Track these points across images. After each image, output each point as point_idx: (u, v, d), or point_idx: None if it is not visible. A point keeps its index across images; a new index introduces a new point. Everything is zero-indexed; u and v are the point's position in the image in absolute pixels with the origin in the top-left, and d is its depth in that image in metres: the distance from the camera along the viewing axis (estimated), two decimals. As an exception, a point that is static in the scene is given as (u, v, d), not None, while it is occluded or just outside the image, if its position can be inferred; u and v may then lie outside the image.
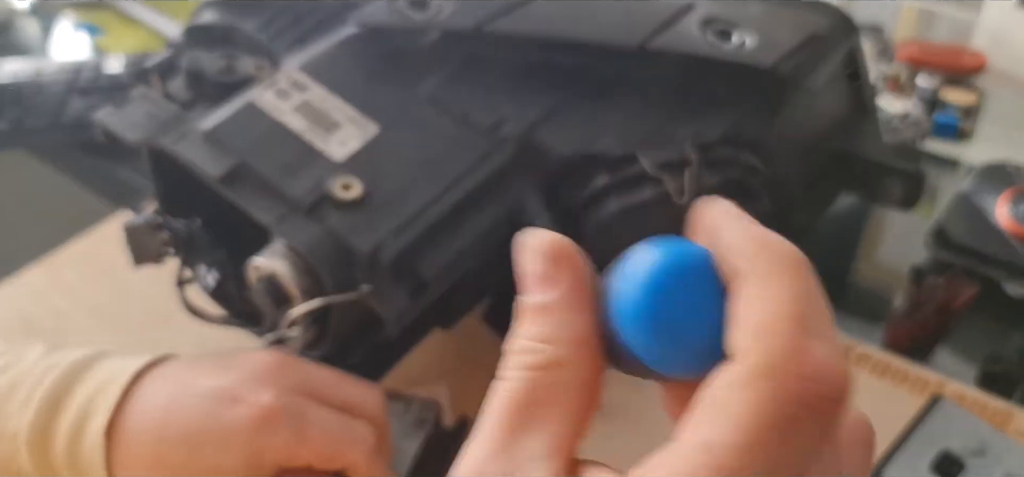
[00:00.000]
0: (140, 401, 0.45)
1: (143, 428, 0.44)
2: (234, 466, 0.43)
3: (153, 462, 0.44)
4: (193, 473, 0.44)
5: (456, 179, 0.51)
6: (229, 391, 0.44)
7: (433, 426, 0.53)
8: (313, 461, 0.45)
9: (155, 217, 0.52)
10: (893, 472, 0.52)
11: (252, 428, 0.43)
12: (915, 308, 0.64)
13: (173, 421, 0.44)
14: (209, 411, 0.44)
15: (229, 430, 0.43)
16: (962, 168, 0.84)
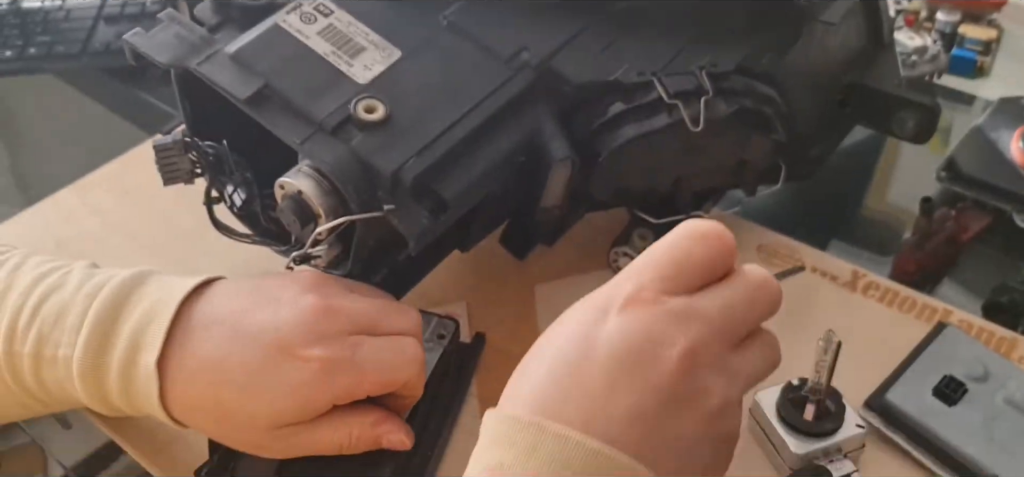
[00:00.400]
0: (192, 337, 0.45)
1: (198, 368, 0.45)
2: (289, 413, 0.45)
3: (209, 402, 0.45)
4: (245, 416, 0.45)
5: (476, 104, 0.52)
6: (284, 341, 0.44)
7: (451, 341, 0.55)
8: (372, 392, 0.46)
9: (184, 138, 0.54)
10: (896, 395, 0.54)
11: (312, 382, 0.44)
12: (925, 239, 0.65)
13: (230, 366, 0.44)
14: (266, 361, 0.44)
15: (288, 384, 0.44)
16: (978, 104, 0.85)
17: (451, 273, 0.66)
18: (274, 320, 0.45)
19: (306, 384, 0.44)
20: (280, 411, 0.45)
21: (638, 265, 0.39)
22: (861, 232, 0.75)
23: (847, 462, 0.50)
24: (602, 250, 0.66)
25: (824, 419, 0.50)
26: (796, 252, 0.66)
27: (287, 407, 0.44)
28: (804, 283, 0.64)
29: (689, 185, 0.62)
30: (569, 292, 0.63)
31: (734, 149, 0.61)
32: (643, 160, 0.58)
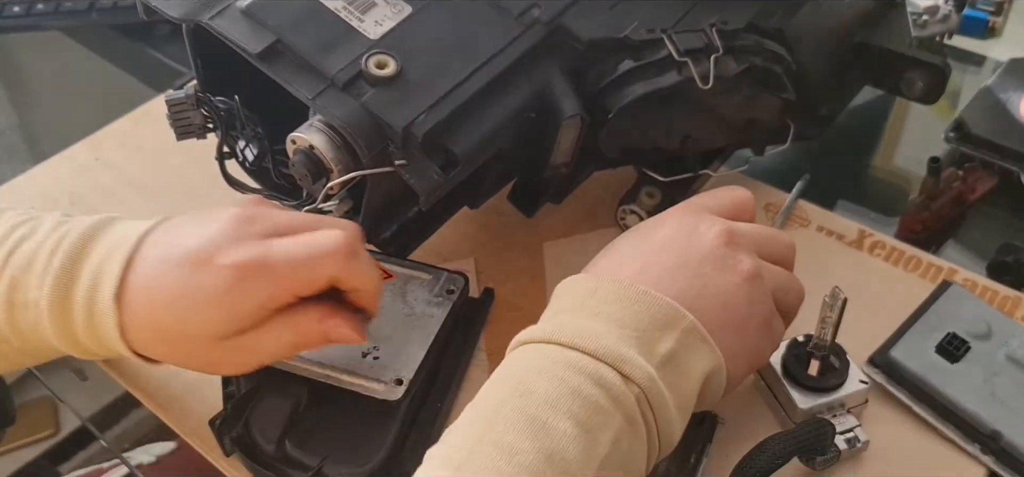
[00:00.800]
0: (139, 267, 0.45)
1: (141, 297, 0.45)
2: (220, 322, 0.45)
3: (152, 327, 0.46)
4: (187, 335, 0.45)
5: (487, 60, 0.52)
6: (201, 254, 0.44)
7: (460, 296, 0.56)
8: (292, 290, 0.45)
9: (196, 92, 0.55)
10: (899, 352, 0.54)
11: (224, 289, 0.44)
12: (932, 198, 0.66)
13: (159, 288, 0.45)
14: (185, 277, 0.44)
15: (204, 295, 0.44)
16: (988, 65, 0.84)
17: (460, 230, 0.66)
18: (196, 236, 0.45)
19: (225, 291, 0.44)
20: (210, 322, 0.45)
21: (690, 198, 0.50)
22: (868, 192, 0.76)
23: (850, 417, 0.51)
24: (610, 208, 0.67)
25: (828, 375, 0.51)
26: (803, 211, 0.67)
27: (216, 317, 0.45)
28: (811, 241, 0.64)
29: (697, 144, 0.63)
30: (577, 249, 0.65)
31: (743, 108, 0.61)
32: (652, 118, 0.58)
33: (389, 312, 0.54)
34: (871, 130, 0.82)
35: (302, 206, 0.53)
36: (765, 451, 0.43)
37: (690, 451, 0.49)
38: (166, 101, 0.53)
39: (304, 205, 0.53)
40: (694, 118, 0.61)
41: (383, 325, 0.53)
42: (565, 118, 0.54)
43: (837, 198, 0.71)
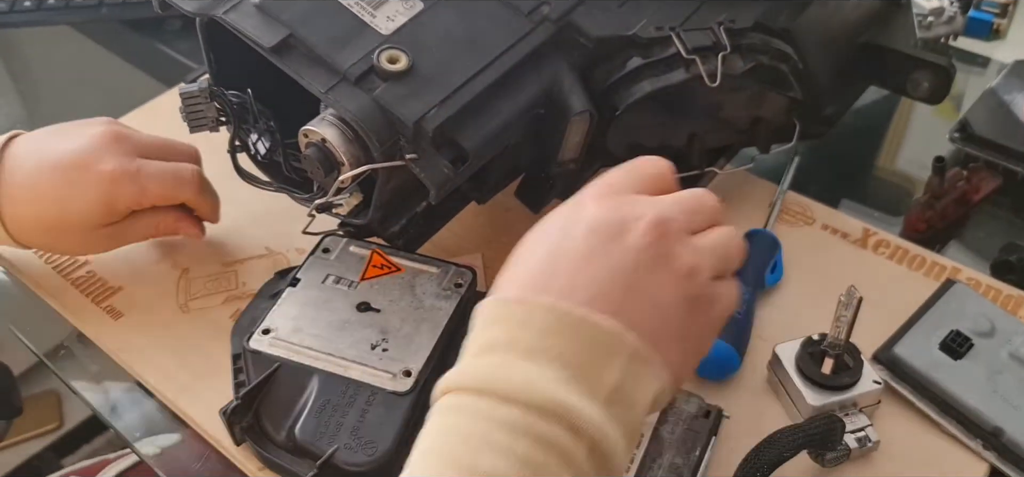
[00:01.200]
0: (15, 166, 0.58)
1: (18, 195, 0.58)
2: (96, 215, 0.58)
3: (33, 220, 0.59)
4: (66, 225, 0.59)
5: (497, 56, 0.53)
6: (81, 160, 0.57)
7: (469, 289, 0.56)
8: (156, 201, 0.60)
9: (210, 86, 0.55)
10: (903, 348, 0.55)
11: (104, 188, 0.57)
12: (936, 198, 0.66)
13: (42, 188, 0.58)
14: (68, 178, 0.57)
15: (85, 192, 0.57)
16: (993, 67, 0.85)
17: (467, 225, 0.67)
18: (72, 146, 0.58)
19: (103, 191, 0.57)
20: (89, 215, 0.58)
21: (605, 175, 0.43)
22: (871, 192, 0.76)
23: (862, 416, 0.51)
24: (616, 205, 0.67)
25: (841, 373, 0.52)
26: (808, 209, 0.67)
27: (93, 211, 0.58)
28: (815, 239, 0.65)
29: (703, 141, 0.63)
30: (583, 245, 0.65)
31: (749, 106, 0.62)
32: (659, 115, 0.59)
33: (398, 305, 0.55)
34: (875, 130, 0.82)
35: (313, 199, 0.54)
36: (774, 444, 0.44)
37: (695, 444, 0.50)
38: (180, 93, 0.54)
39: (315, 198, 0.54)
40: (701, 116, 0.61)
41: (392, 318, 0.54)
42: (574, 114, 0.54)
43: (841, 197, 0.72)
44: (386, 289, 0.56)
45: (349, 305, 0.55)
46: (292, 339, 0.53)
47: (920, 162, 0.75)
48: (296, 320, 0.54)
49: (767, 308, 0.60)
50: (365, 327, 0.54)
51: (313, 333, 0.53)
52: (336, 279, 0.56)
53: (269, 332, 0.53)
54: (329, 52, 0.50)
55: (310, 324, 0.54)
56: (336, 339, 0.53)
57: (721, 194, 0.67)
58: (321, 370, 0.52)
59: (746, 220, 0.65)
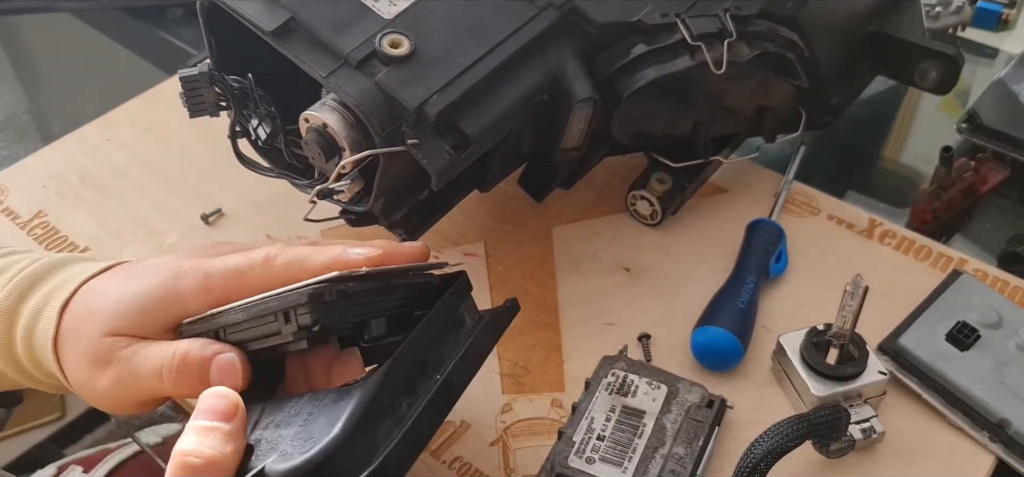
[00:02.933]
0: (92, 291, 0.46)
1: (92, 310, 0.45)
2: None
3: (96, 346, 0.45)
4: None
5: (500, 41, 0.52)
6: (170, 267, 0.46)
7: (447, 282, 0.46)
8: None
9: (210, 70, 0.55)
10: (909, 339, 0.54)
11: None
12: (943, 188, 0.66)
13: (124, 297, 0.45)
14: (154, 284, 0.45)
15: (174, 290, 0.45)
16: (1000, 58, 0.84)
17: (469, 214, 0.67)
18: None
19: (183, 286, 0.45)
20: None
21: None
22: (877, 184, 0.76)
23: (867, 407, 0.51)
24: (619, 194, 0.67)
25: (847, 364, 0.51)
26: (813, 199, 0.66)
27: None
28: (821, 230, 0.64)
29: (708, 130, 0.63)
30: (586, 234, 0.65)
31: (755, 94, 0.61)
32: (664, 103, 0.58)
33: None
34: (881, 122, 0.82)
35: (314, 185, 0.53)
36: (778, 433, 0.43)
37: (698, 434, 0.49)
38: (180, 78, 0.53)
39: (317, 184, 0.53)
40: (706, 104, 0.61)
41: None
42: (577, 101, 0.54)
43: (846, 188, 0.71)
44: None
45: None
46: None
47: (926, 154, 0.75)
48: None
49: (771, 298, 0.59)
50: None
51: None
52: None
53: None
54: (330, 36, 0.50)
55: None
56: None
57: (726, 183, 0.68)
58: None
59: (751, 210, 0.65)
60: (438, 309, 0.43)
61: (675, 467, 0.48)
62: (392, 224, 0.58)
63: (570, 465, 0.48)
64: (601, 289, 0.61)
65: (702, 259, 0.62)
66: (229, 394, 0.39)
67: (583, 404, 0.51)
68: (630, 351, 0.56)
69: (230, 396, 0.39)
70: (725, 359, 0.55)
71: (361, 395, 0.37)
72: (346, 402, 0.37)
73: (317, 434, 0.36)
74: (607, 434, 0.50)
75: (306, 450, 0.35)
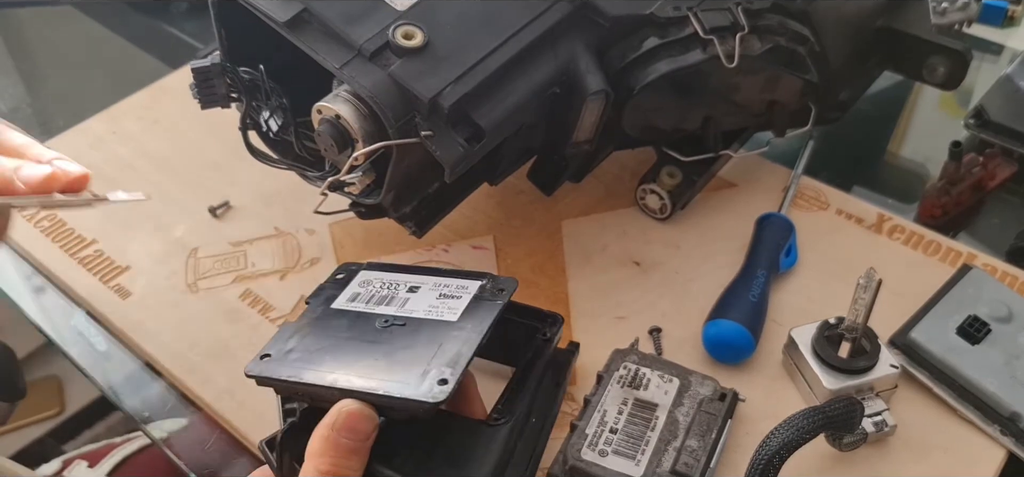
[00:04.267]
0: None
1: None
2: None
3: None
4: None
5: (513, 33, 0.52)
6: None
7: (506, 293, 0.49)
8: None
9: (223, 62, 0.54)
10: (920, 333, 0.54)
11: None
12: (952, 183, 0.66)
13: None
14: None
15: None
16: (1006, 55, 0.84)
17: (479, 208, 0.66)
18: None
19: None
20: None
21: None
22: (883, 179, 0.76)
23: (879, 400, 0.51)
24: (628, 188, 0.67)
25: (858, 357, 0.51)
26: (822, 194, 0.67)
27: None
28: (830, 225, 0.64)
29: (718, 124, 0.63)
30: (595, 228, 0.65)
31: (765, 88, 0.61)
32: (675, 96, 0.58)
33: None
34: (887, 118, 0.82)
35: (326, 177, 0.53)
36: (793, 424, 0.43)
37: (711, 427, 0.49)
38: (192, 69, 0.53)
39: (328, 176, 0.53)
40: (716, 97, 0.61)
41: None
42: (590, 94, 0.54)
43: (853, 184, 0.71)
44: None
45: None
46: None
47: (932, 150, 0.75)
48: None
49: (781, 292, 0.59)
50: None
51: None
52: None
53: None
54: (344, 27, 0.50)
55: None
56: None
57: (735, 177, 0.68)
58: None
59: (760, 204, 0.65)
60: (546, 356, 0.49)
61: (688, 460, 0.48)
62: (402, 216, 0.58)
63: (583, 458, 0.48)
64: (611, 283, 0.61)
65: (712, 253, 0.62)
66: (372, 417, 0.41)
67: (595, 397, 0.51)
68: (641, 344, 0.56)
69: (372, 419, 0.41)
70: (736, 352, 0.55)
71: (500, 440, 0.44)
72: (489, 444, 0.43)
73: (460, 467, 0.42)
74: (620, 427, 0.50)
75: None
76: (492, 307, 0.47)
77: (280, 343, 0.45)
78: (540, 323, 0.51)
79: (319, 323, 0.47)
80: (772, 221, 0.62)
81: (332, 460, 0.39)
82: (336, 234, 0.66)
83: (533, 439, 0.46)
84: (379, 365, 0.43)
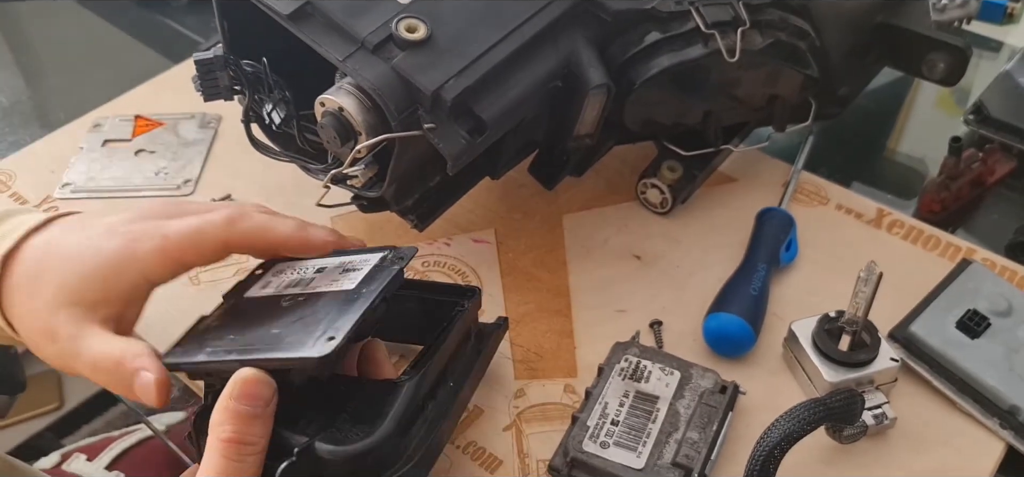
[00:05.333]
0: (44, 246, 0.46)
1: (42, 269, 0.45)
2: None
3: (46, 319, 0.44)
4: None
5: (515, 27, 0.52)
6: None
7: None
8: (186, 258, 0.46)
9: (226, 54, 0.54)
10: (919, 327, 0.54)
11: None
12: (952, 179, 0.66)
13: (78, 261, 0.45)
14: (110, 248, 0.45)
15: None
16: (1005, 51, 0.85)
17: (480, 201, 0.67)
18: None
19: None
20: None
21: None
22: (881, 176, 0.76)
23: (879, 394, 0.51)
24: (628, 183, 0.67)
25: (859, 350, 0.51)
26: (822, 189, 0.67)
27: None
28: (830, 220, 0.65)
29: (719, 119, 0.63)
30: (596, 222, 0.65)
31: (766, 83, 0.61)
32: (676, 91, 0.59)
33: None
34: (886, 114, 0.82)
35: (329, 170, 0.53)
36: (795, 416, 0.43)
37: (712, 419, 0.49)
38: (195, 61, 0.53)
39: (330, 169, 0.53)
40: (717, 92, 0.61)
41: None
42: (592, 88, 0.54)
43: (852, 180, 0.71)
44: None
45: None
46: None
47: (930, 146, 0.75)
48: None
49: (781, 286, 0.60)
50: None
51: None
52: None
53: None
54: (347, 20, 0.50)
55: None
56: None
57: (735, 172, 0.68)
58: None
59: (760, 199, 0.65)
60: (460, 323, 0.49)
61: (689, 452, 0.48)
62: (404, 210, 0.58)
63: (585, 449, 0.48)
64: (612, 276, 0.61)
65: (712, 247, 0.63)
66: (269, 382, 0.40)
67: (597, 389, 0.51)
68: (642, 338, 0.56)
69: (270, 384, 0.40)
70: (737, 345, 0.55)
71: (404, 395, 0.43)
72: (391, 399, 0.42)
73: (366, 423, 0.41)
74: (621, 419, 0.50)
75: (359, 437, 0.40)
76: (388, 272, 0.45)
77: (193, 333, 0.47)
78: (458, 297, 0.51)
79: (231, 312, 0.48)
80: (772, 215, 0.62)
81: (234, 428, 0.39)
82: (338, 227, 0.65)
83: (447, 401, 0.46)
84: (276, 335, 0.43)
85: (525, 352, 0.56)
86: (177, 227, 0.46)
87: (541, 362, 0.56)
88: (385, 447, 0.41)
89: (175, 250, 0.45)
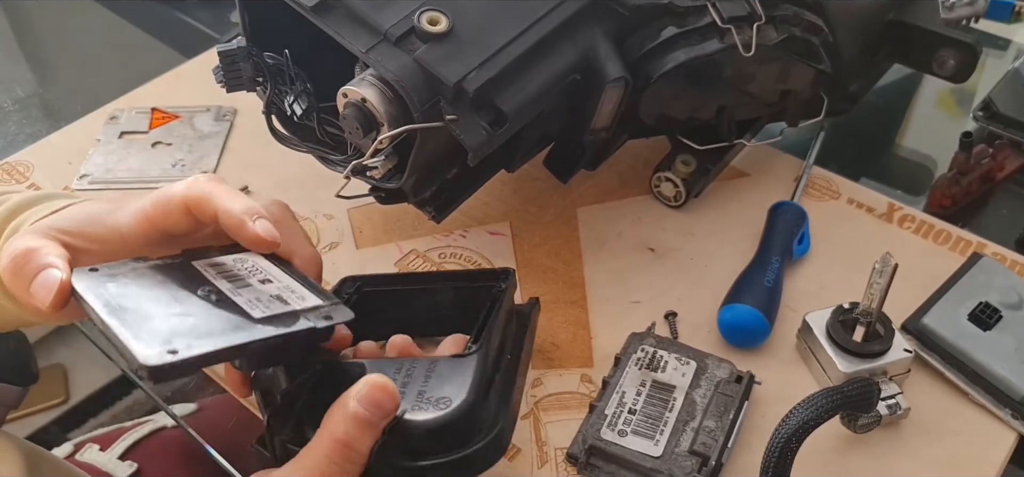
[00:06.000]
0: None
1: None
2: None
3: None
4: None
5: (535, 20, 0.53)
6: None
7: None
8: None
9: (248, 46, 0.55)
10: (932, 319, 0.55)
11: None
12: (962, 174, 0.67)
13: (71, 211, 0.45)
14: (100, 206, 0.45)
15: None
16: (1012, 49, 0.85)
17: (495, 194, 0.67)
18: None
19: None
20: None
21: None
22: (891, 172, 0.77)
23: (892, 385, 0.52)
24: (642, 177, 0.67)
25: (873, 341, 0.52)
26: (833, 184, 0.67)
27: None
28: (842, 214, 0.65)
29: (732, 113, 0.63)
30: (611, 215, 0.66)
31: (779, 78, 0.62)
32: (692, 85, 0.59)
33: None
34: (895, 111, 0.83)
35: (350, 160, 0.54)
36: (812, 404, 0.44)
37: (728, 408, 0.50)
38: (218, 52, 0.54)
39: (351, 159, 0.54)
40: (732, 87, 0.61)
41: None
42: (609, 81, 0.55)
43: (861, 175, 0.72)
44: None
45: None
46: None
47: (935, 145, 0.76)
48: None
49: (794, 279, 0.60)
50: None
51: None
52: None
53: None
54: (369, 12, 0.50)
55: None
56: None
57: (747, 167, 0.69)
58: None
59: (772, 193, 0.66)
60: (505, 299, 0.50)
61: (706, 440, 0.49)
62: (421, 201, 0.59)
63: (603, 437, 0.49)
64: (627, 268, 0.62)
65: (725, 240, 0.63)
66: (394, 395, 0.39)
67: (614, 379, 0.52)
68: (657, 328, 0.57)
69: (394, 398, 0.39)
70: (752, 336, 0.55)
71: (477, 364, 0.43)
72: (463, 370, 0.43)
73: (448, 395, 0.41)
74: (638, 408, 0.50)
75: (442, 408, 0.40)
76: (298, 324, 0.41)
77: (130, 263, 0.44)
78: (493, 280, 0.52)
79: (168, 268, 0.44)
80: (785, 209, 0.63)
81: (348, 430, 0.38)
82: (355, 219, 0.66)
83: (512, 373, 0.47)
84: (148, 313, 0.39)
85: (541, 342, 0.57)
86: (154, 193, 0.46)
87: (558, 352, 0.57)
88: (472, 414, 0.41)
89: (149, 207, 0.45)
